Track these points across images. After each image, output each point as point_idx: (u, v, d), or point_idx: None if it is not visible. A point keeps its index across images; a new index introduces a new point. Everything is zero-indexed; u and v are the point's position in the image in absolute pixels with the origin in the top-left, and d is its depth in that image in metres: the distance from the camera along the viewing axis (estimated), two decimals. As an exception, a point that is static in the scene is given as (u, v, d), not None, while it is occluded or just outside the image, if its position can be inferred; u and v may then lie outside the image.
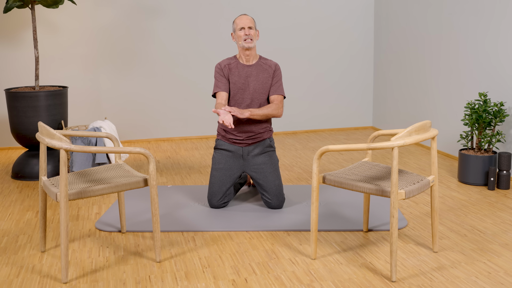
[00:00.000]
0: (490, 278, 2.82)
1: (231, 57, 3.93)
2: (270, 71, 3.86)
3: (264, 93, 3.84)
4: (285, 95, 3.96)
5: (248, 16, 3.82)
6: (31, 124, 4.66)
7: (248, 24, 3.78)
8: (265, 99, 3.86)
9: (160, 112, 6.29)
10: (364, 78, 6.77)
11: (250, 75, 3.82)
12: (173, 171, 4.98)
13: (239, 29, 3.78)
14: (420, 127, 2.83)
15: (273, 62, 3.90)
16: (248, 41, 3.76)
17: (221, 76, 3.84)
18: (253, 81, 3.81)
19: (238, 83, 3.81)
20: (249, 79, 3.82)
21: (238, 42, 3.81)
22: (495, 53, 4.64)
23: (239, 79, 3.82)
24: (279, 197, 3.83)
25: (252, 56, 3.85)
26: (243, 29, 3.78)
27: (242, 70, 3.83)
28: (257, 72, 3.83)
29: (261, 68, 3.85)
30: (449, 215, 3.75)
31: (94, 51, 6.03)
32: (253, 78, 3.82)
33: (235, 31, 3.81)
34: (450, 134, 5.30)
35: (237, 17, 3.85)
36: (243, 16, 3.83)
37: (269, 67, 3.87)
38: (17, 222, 3.72)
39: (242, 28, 3.78)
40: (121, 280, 2.85)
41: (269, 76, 3.85)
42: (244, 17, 3.81)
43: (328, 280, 2.82)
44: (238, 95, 3.82)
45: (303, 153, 5.58)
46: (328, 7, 6.51)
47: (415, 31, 5.79)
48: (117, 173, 3.15)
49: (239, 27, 3.78)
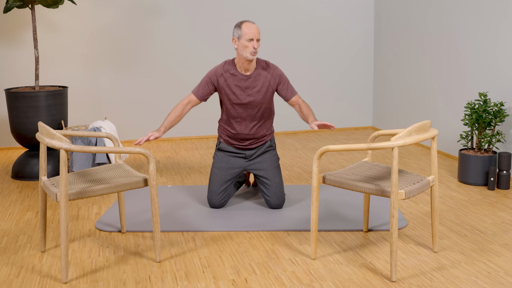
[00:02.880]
0: (490, 278, 2.82)
1: (229, 61, 3.76)
2: (272, 81, 3.75)
3: (266, 102, 3.78)
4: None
5: (256, 25, 3.63)
6: (31, 124, 4.66)
7: (257, 36, 3.60)
8: (267, 106, 3.81)
9: (160, 112, 6.29)
10: (364, 78, 6.77)
11: (249, 87, 3.73)
12: (173, 171, 4.98)
13: (247, 39, 3.58)
14: (420, 127, 2.83)
15: (273, 70, 3.76)
16: (254, 54, 3.61)
17: (208, 83, 3.73)
18: (254, 94, 3.73)
19: (236, 94, 3.73)
20: (249, 91, 3.73)
21: (242, 51, 3.62)
22: (495, 53, 4.64)
23: (237, 91, 3.72)
24: (279, 195, 3.83)
25: (252, 65, 3.72)
26: (252, 41, 3.59)
27: (241, 82, 3.72)
28: (257, 84, 3.73)
29: (260, 78, 3.73)
30: (449, 215, 3.75)
31: (94, 51, 6.03)
32: (254, 90, 3.73)
33: (241, 39, 3.59)
34: (450, 134, 5.30)
35: (243, 24, 3.62)
36: (252, 25, 3.61)
37: (270, 76, 3.75)
38: (17, 222, 3.72)
39: (251, 39, 3.59)
40: (121, 280, 2.85)
41: (269, 85, 3.75)
42: (253, 27, 3.60)
43: (328, 280, 2.82)
44: (241, 109, 3.76)
45: (303, 153, 5.58)
46: (328, 7, 6.51)
47: (415, 31, 5.79)
48: (117, 173, 3.15)
49: (248, 37, 3.57)
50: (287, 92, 3.79)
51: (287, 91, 3.78)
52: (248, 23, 3.62)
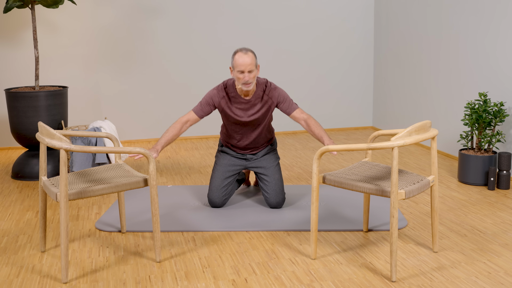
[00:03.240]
0: (490, 278, 2.82)
1: (230, 83, 3.69)
2: (272, 103, 3.72)
3: (267, 119, 3.79)
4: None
5: (249, 55, 3.49)
6: (31, 124, 4.66)
7: (248, 68, 3.48)
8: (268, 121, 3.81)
9: (160, 112, 6.29)
10: (364, 78, 6.77)
11: (250, 109, 3.71)
12: (173, 171, 4.98)
13: (238, 71, 3.51)
14: (420, 127, 2.83)
15: (272, 92, 3.69)
16: (247, 85, 3.55)
17: (209, 104, 3.70)
18: (254, 114, 3.73)
19: (237, 114, 3.72)
20: (249, 112, 3.71)
21: (236, 81, 3.57)
22: (495, 53, 4.64)
23: (238, 112, 3.72)
24: (278, 193, 3.84)
25: (251, 91, 3.68)
26: (243, 73, 3.51)
27: (242, 105, 3.70)
28: (257, 106, 3.71)
29: (260, 101, 3.70)
30: (449, 215, 3.75)
31: (94, 51, 6.03)
32: (254, 111, 3.72)
33: (234, 69, 3.53)
34: (450, 134, 5.30)
35: (236, 54, 3.51)
36: (243, 56, 3.49)
37: (270, 98, 3.70)
38: (17, 222, 3.72)
39: (242, 72, 3.51)
40: (121, 280, 2.85)
41: (269, 107, 3.73)
42: (244, 58, 3.48)
43: (328, 280, 2.82)
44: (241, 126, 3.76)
45: (303, 153, 5.58)
46: (328, 8, 6.51)
47: (415, 31, 5.79)
48: (117, 173, 3.15)
49: (239, 69, 3.50)
50: (288, 108, 3.72)
51: (288, 108, 3.73)
52: (240, 54, 3.50)
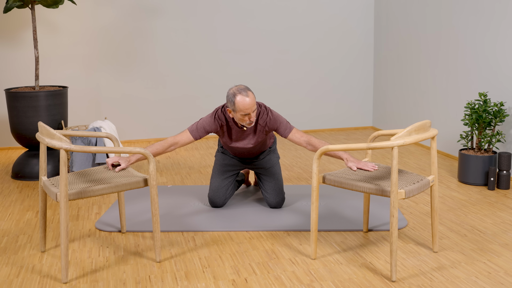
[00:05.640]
0: (490, 278, 2.82)
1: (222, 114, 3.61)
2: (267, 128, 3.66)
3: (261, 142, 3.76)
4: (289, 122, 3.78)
5: (250, 95, 3.39)
6: (31, 124, 4.66)
7: (253, 108, 3.40)
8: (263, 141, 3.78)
9: (160, 112, 6.29)
10: (365, 78, 6.77)
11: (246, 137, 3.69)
12: (173, 171, 4.98)
13: (242, 114, 3.41)
14: (420, 127, 2.83)
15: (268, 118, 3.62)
16: (251, 124, 3.49)
17: (206, 129, 3.60)
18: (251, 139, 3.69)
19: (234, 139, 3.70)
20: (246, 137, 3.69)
21: (238, 120, 3.48)
22: (495, 53, 4.64)
23: (235, 137, 3.69)
24: (278, 193, 3.84)
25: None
26: (247, 115, 3.42)
27: (238, 133, 3.67)
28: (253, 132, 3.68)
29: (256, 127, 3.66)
30: (449, 215, 3.75)
31: (94, 51, 6.03)
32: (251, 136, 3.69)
33: (236, 112, 3.42)
34: (450, 134, 5.30)
35: (237, 99, 3.37)
36: (245, 100, 3.37)
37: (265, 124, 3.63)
38: (17, 222, 3.72)
39: (247, 114, 3.41)
40: (121, 280, 2.85)
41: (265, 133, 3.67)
42: (247, 102, 3.37)
43: (328, 280, 2.82)
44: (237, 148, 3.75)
45: (303, 153, 5.58)
46: (328, 9, 6.51)
47: (415, 31, 5.79)
48: (117, 173, 3.15)
49: (243, 113, 3.40)
50: (285, 131, 3.62)
51: (284, 131, 3.62)
52: (241, 97, 3.38)
